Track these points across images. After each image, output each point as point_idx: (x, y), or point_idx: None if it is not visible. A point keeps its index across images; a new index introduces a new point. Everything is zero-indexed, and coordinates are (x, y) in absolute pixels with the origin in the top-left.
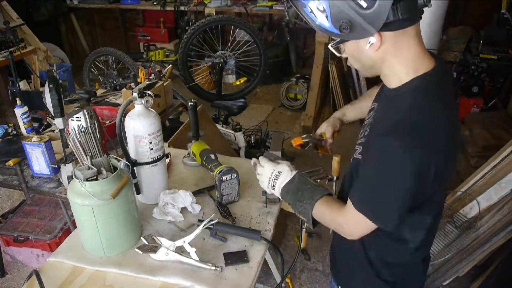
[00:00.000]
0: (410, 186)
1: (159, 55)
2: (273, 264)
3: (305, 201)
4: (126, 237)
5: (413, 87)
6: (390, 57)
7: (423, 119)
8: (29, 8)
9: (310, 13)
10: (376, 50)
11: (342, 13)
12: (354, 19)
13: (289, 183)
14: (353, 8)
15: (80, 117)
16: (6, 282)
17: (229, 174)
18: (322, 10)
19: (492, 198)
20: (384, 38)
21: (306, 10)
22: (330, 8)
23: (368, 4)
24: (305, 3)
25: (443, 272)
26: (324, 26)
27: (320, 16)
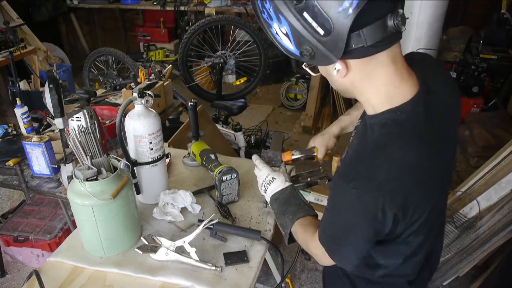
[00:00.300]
0: (364, 230)
1: (159, 55)
2: (273, 264)
3: (287, 215)
4: (126, 237)
5: (381, 122)
6: (360, 84)
7: (381, 160)
8: (29, 8)
9: (276, 35)
10: (343, 76)
11: (303, 39)
12: (314, 46)
13: (280, 193)
14: (312, 35)
15: (80, 117)
16: (6, 282)
17: (229, 174)
18: (285, 33)
19: (492, 198)
20: (350, 65)
21: (272, 31)
22: (291, 32)
23: (325, 31)
24: (271, 24)
25: (443, 272)
26: (289, 49)
27: (284, 39)
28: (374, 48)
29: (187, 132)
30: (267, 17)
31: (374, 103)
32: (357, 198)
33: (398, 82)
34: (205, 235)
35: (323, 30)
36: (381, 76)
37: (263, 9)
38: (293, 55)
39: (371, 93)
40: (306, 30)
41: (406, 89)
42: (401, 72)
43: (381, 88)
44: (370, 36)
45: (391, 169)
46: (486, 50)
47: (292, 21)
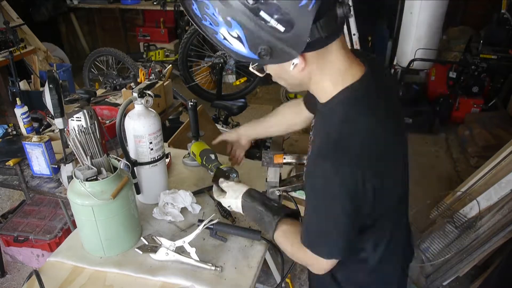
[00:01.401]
0: (347, 208)
1: (159, 55)
2: (273, 264)
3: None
4: (126, 237)
5: (340, 100)
6: (315, 75)
7: (350, 134)
8: (29, 8)
9: (223, 40)
10: (301, 70)
11: (259, 39)
12: (273, 44)
13: (245, 212)
14: (270, 33)
15: (80, 117)
16: (6, 282)
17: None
18: (236, 36)
19: (492, 198)
20: (307, 58)
21: (218, 37)
22: (245, 34)
23: (286, 28)
24: (216, 30)
25: (443, 272)
26: (241, 53)
27: (235, 42)
28: (329, 38)
29: (187, 132)
30: (211, 23)
31: (327, 89)
32: (334, 174)
33: (348, 64)
34: (205, 235)
35: (283, 27)
36: (335, 63)
37: (203, 15)
38: (244, 58)
39: (326, 81)
40: (262, 29)
41: (355, 70)
42: (348, 55)
43: (335, 73)
44: (326, 27)
45: (361, 139)
46: (486, 50)
47: (245, 22)
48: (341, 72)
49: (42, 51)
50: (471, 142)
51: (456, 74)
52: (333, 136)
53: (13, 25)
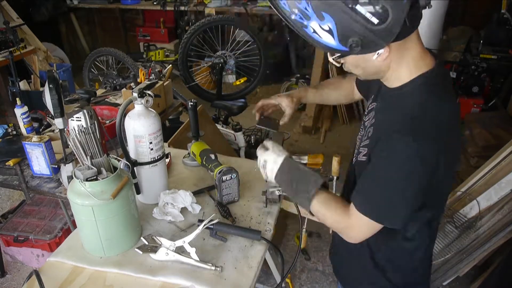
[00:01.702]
0: (422, 180)
1: (159, 55)
2: (273, 264)
3: (300, 194)
4: (126, 237)
5: (418, 85)
6: (395, 63)
7: (428, 113)
8: (29, 8)
9: (312, 34)
10: (384, 59)
11: (351, 31)
12: (364, 36)
13: (280, 173)
14: (363, 25)
15: (80, 117)
16: (6, 282)
17: (229, 174)
18: (327, 29)
19: (492, 198)
20: (391, 47)
21: (307, 30)
22: (336, 27)
23: (380, 20)
24: (306, 24)
25: (443, 272)
26: (330, 45)
27: (325, 35)
28: (412, 27)
29: (187, 132)
30: (301, 17)
31: (402, 75)
32: (416, 151)
33: (423, 53)
34: (205, 235)
35: (377, 19)
36: (413, 50)
37: (292, 9)
38: (333, 50)
39: (403, 68)
40: (356, 22)
41: (428, 59)
42: (422, 45)
43: (412, 61)
44: (413, 18)
45: (438, 119)
46: (486, 50)
47: (340, 16)
48: (416, 60)
49: (42, 51)
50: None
51: (456, 74)
52: (412, 115)
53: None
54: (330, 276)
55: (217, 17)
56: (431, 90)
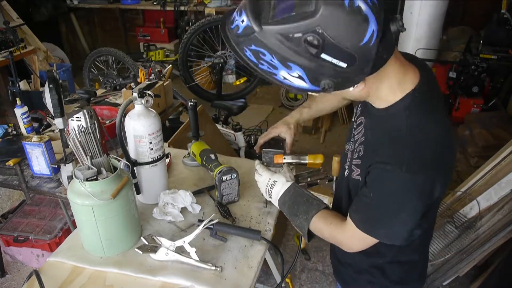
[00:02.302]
0: (418, 208)
1: (159, 55)
2: (273, 264)
3: (300, 215)
4: (126, 237)
5: (405, 107)
6: (374, 89)
7: (421, 140)
8: (29, 8)
9: (283, 80)
10: (361, 90)
11: (321, 75)
12: (336, 78)
13: (285, 195)
14: (333, 69)
15: (80, 117)
16: (6, 282)
17: (229, 174)
18: (297, 76)
19: (492, 198)
20: (367, 78)
21: (277, 78)
22: (306, 74)
23: (348, 64)
24: (275, 73)
25: (443, 272)
26: (303, 88)
27: (296, 81)
28: (388, 56)
29: (187, 132)
30: (268, 67)
31: (387, 97)
32: (410, 182)
33: (404, 72)
34: (205, 235)
35: (345, 63)
36: (392, 74)
37: (259, 61)
38: (307, 91)
39: (384, 91)
40: (324, 67)
41: (412, 76)
42: (402, 62)
43: (393, 82)
44: (385, 49)
45: (432, 144)
46: (486, 50)
47: (306, 64)
48: (398, 81)
49: (42, 51)
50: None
51: (456, 74)
52: (404, 144)
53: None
54: (330, 276)
55: (217, 17)
56: (419, 110)
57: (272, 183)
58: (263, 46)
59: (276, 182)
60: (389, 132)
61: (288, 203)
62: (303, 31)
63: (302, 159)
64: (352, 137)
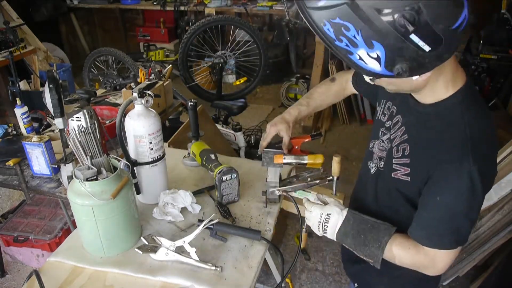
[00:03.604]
0: (481, 201)
1: (159, 55)
2: (273, 264)
3: (371, 244)
4: (126, 237)
5: (457, 103)
6: (433, 80)
7: (479, 133)
8: (29, 8)
9: (358, 60)
10: (424, 79)
11: (400, 58)
12: (413, 62)
13: (345, 226)
14: (414, 52)
15: (80, 117)
16: (6, 282)
17: (229, 174)
18: (375, 57)
19: (492, 198)
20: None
21: (352, 57)
22: (386, 54)
23: (432, 48)
24: (352, 51)
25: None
26: (374, 71)
27: (371, 62)
28: (456, 49)
29: (187, 132)
30: (347, 44)
31: (439, 92)
32: (479, 175)
33: (456, 67)
34: (205, 235)
35: (430, 47)
36: (449, 67)
37: (338, 37)
38: (375, 75)
39: (439, 85)
40: (407, 50)
41: (460, 74)
42: (454, 59)
43: (448, 76)
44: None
45: (488, 138)
46: (486, 50)
47: (391, 44)
48: (451, 76)
49: (42, 51)
50: None
51: None
52: (462, 139)
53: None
54: (330, 276)
55: (217, 17)
56: (471, 107)
57: (326, 217)
58: (351, 20)
59: (330, 215)
60: (441, 128)
61: (352, 233)
62: (401, 7)
63: (302, 159)
64: (381, 134)
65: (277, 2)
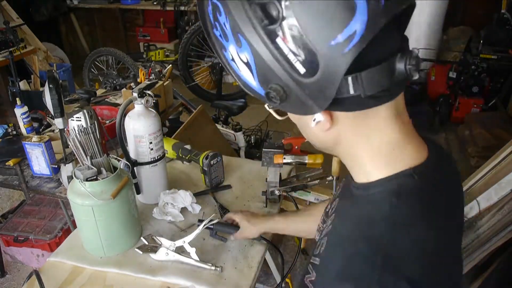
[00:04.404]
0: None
1: (159, 55)
2: (273, 264)
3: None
4: (126, 237)
5: (390, 191)
6: (349, 143)
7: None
8: (29, 8)
9: (231, 61)
10: (326, 130)
11: (272, 74)
12: (287, 87)
13: None
14: (287, 71)
15: (80, 117)
16: (6, 282)
17: (215, 158)
18: (245, 62)
19: (492, 198)
20: (337, 117)
21: (226, 55)
22: (255, 62)
23: (307, 70)
24: (225, 46)
25: None
26: (249, 84)
27: (243, 69)
28: (374, 99)
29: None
30: (221, 35)
31: (369, 168)
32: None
33: (402, 142)
34: (205, 235)
35: (304, 68)
36: (382, 134)
37: (214, 22)
38: (253, 92)
39: (365, 155)
40: (278, 62)
41: (412, 152)
42: (407, 127)
43: (382, 148)
44: (372, 83)
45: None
46: (486, 50)
47: (257, 47)
48: (389, 150)
49: (42, 51)
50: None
51: (456, 74)
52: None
53: (13, 25)
54: None
55: None
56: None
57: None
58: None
59: None
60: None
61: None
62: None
63: (302, 159)
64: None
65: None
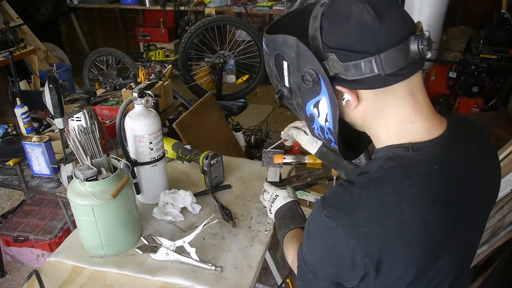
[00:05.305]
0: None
1: (159, 55)
2: (273, 264)
3: (282, 229)
4: (126, 237)
5: (385, 156)
6: (370, 118)
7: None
8: (29, 8)
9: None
10: (353, 109)
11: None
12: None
13: (280, 208)
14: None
15: (80, 117)
16: (6, 282)
17: (215, 158)
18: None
19: None
20: (361, 96)
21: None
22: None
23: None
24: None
25: None
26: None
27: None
28: (392, 77)
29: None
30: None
31: (382, 138)
32: (328, 229)
33: (414, 118)
34: (205, 235)
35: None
36: (395, 110)
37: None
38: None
39: (381, 129)
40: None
41: (425, 128)
42: (420, 106)
43: (393, 123)
44: (389, 63)
45: (377, 211)
46: (486, 50)
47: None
48: (400, 125)
49: (42, 51)
50: None
51: (456, 74)
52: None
53: (13, 25)
54: None
55: (217, 17)
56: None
57: (274, 197)
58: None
59: (277, 196)
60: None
61: (279, 216)
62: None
63: (302, 159)
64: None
65: (277, 2)
